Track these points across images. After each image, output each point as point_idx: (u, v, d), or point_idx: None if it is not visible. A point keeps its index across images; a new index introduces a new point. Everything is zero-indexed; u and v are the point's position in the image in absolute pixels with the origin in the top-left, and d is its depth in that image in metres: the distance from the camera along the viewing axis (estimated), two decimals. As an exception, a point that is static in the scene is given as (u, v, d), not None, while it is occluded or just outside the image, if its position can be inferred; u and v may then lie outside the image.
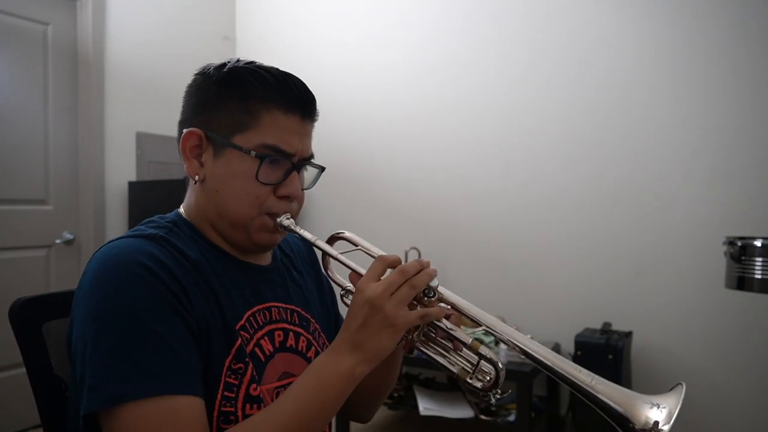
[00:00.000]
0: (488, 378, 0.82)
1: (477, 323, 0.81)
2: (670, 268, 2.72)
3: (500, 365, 0.80)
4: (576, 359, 2.55)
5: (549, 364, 0.77)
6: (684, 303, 2.69)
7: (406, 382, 2.97)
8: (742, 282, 2.02)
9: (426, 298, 0.80)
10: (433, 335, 0.84)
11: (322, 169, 0.95)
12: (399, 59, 3.39)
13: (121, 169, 3.22)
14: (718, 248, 2.22)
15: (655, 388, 2.75)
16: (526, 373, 2.49)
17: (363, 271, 0.86)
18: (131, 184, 3.20)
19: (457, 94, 3.23)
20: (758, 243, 1.97)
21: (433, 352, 0.84)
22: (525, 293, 3.05)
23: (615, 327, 2.71)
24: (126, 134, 3.25)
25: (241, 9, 3.92)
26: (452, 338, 0.82)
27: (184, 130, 0.88)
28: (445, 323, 0.81)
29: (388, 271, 0.80)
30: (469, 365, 0.83)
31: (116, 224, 3.20)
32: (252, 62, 0.88)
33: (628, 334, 2.65)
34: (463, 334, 0.81)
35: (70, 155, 3.08)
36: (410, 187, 3.36)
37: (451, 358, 0.83)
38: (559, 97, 2.97)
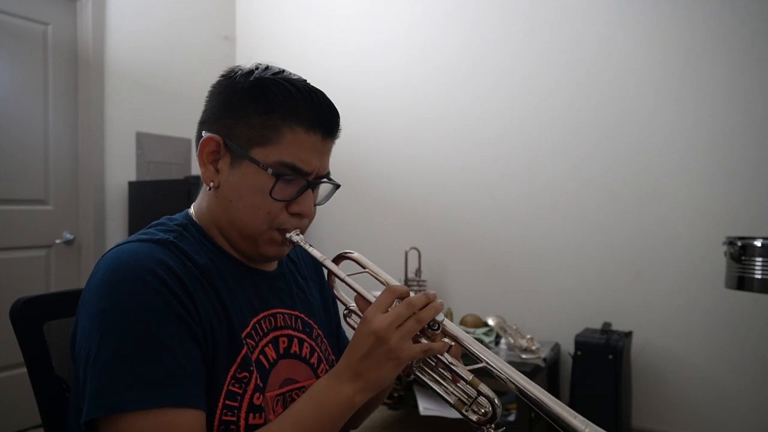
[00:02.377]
0: (483, 411, 0.82)
1: (478, 359, 0.81)
2: (670, 268, 2.72)
3: (497, 402, 0.81)
4: (576, 359, 2.55)
5: (545, 406, 0.76)
6: (684, 303, 2.69)
7: (406, 382, 2.97)
8: (742, 282, 2.02)
9: (430, 331, 0.80)
10: (433, 364, 0.84)
11: (337, 186, 0.94)
12: (400, 60, 3.39)
13: (121, 169, 3.22)
14: (718, 248, 2.22)
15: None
16: (527, 374, 2.48)
17: (368, 295, 0.86)
18: (131, 184, 3.20)
19: (457, 95, 3.23)
20: (758, 243, 1.97)
21: (430, 380, 0.83)
22: (525, 293, 3.05)
23: (615, 327, 2.71)
24: (126, 134, 3.25)
25: (241, 9, 3.92)
26: (452, 372, 0.82)
27: (204, 133, 0.87)
28: (447, 357, 0.81)
29: (396, 301, 0.80)
30: (466, 397, 0.83)
31: (116, 224, 3.20)
32: (280, 72, 0.87)
33: (628, 334, 2.65)
34: (464, 369, 0.80)
35: (70, 155, 3.08)
36: (411, 187, 3.37)
37: (448, 387, 0.83)
38: (558, 98, 2.97)
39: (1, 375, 2.77)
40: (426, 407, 2.65)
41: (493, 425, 0.81)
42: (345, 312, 0.93)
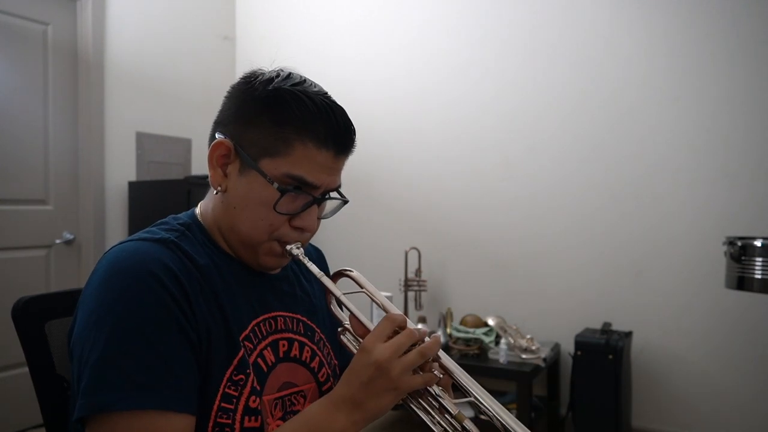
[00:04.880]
0: None
1: (467, 393, 0.80)
2: (670, 268, 2.72)
3: None
4: (576, 359, 2.55)
5: None
6: (684, 303, 2.69)
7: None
8: (742, 282, 2.02)
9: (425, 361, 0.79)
10: (420, 392, 0.83)
11: (345, 201, 0.93)
12: (400, 59, 3.39)
13: (121, 169, 3.22)
14: (718, 248, 2.22)
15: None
16: (527, 374, 2.49)
17: (364, 319, 0.85)
18: (131, 184, 3.20)
19: (457, 95, 3.23)
20: (758, 243, 1.97)
21: (417, 407, 0.82)
22: (525, 293, 3.05)
23: (615, 327, 2.71)
24: (126, 134, 3.25)
25: (241, 9, 3.92)
26: (439, 404, 0.81)
27: (217, 135, 0.87)
28: (435, 389, 0.80)
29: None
30: (452, 429, 0.81)
31: (116, 224, 3.20)
32: (301, 82, 0.85)
33: (628, 334, 2.65)
34: (451, 403, 0.80)
35: (70, 155, 3.07)
36: (411, 187, 3.37)
37: (434, 417, 0.82)
38: (558, 97, 2.97)
39: (2, 374, 2.77)
40: (426, 407, 2.65)
41: None
42: (339, 330, 0.91)
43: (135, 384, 0.71)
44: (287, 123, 0.82)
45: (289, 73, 0.86)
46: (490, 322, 2.88)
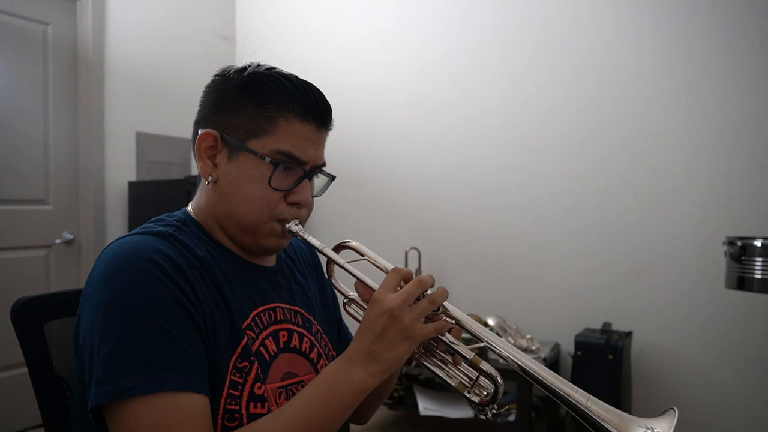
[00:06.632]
0: (485, 393, 0.83)
1: (478, 339, 0.82)
2: (670, 268, 2.72)
3: (499, 380, 0.81)
4: (576, 359, 2.55)
5: (547, 383, 0.77)
6: (684, 303, 2.69)
7: (406, 382, 2.97)
8: (742, 282, 2.02)
9: (432, 312, 0.81)
10: (434, 348, 0.85)
11: (332, 177, 0.96)
12: (399, 59, 3.39)
13: (121, 169, 3.22)
14: (718, 248, 2.22)
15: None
16: (526, 373, 2.48)
17: (370, 281, 0.87)
18: (131, 184, 3.20)
19: (457, 95, 3.23)
20: (758, 243, 1.97)
21: (431, 364, 0.84)
22: (525, 293, 3.05)
23: (615, 327, 2.71)
24: (126, 134, 3.25)
25: (241, 9, 3.92)
26: (454, 352, 0.82)
27: (200, 131, 0.89)
28: (449, 337, 0.82)
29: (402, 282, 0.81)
30: (467, 379, 0.83)
31: (116, 224, 3.20)
32: (272, 68, 0.90)
33: (628, 334, 2.65)
34: (466, 349, 0.81)
35: (70, 155, 3.08)
36: (411, 187, 3.37)
37: (450, 371, 0.84)
38: (559, 97, 2.97)
39: (1, 375, 2.77)
40: (426, 407, 2.65)
41: (495, 405, 0.82)
42: (345, 301, 0.94)
43: (152, 368, 0.71)
44: (268, 102, 0.85)
45: (259, 63, 0.91)
46: (490, 322, 2.88)
